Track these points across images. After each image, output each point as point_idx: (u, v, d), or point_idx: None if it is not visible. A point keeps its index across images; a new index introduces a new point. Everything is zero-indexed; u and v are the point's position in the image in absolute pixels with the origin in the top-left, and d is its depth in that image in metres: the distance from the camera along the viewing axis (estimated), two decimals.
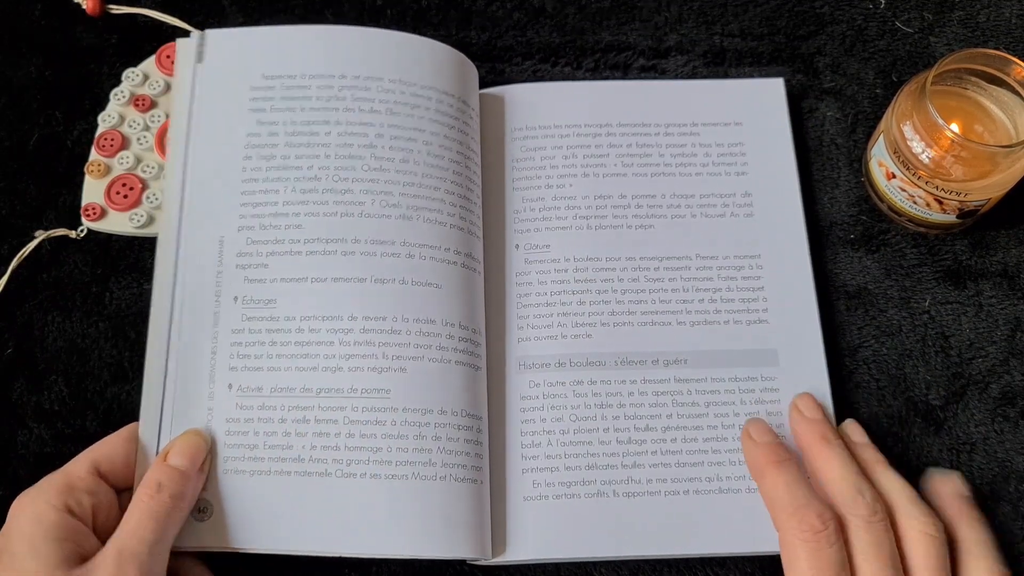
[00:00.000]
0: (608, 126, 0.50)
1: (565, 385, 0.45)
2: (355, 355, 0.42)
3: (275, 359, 0.43)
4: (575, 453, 0.44)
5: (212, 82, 0.47)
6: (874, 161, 0.49)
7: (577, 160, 0.49)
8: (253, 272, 0.44)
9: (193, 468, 0.40)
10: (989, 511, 0.44)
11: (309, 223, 0.45)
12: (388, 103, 0.47)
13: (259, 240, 0.45)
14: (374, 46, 0.48)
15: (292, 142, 0.46)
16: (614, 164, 0.49)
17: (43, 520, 0.37)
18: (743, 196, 0.49)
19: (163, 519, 0.38)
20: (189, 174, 0.46)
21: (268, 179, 0.45)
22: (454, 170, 0.47)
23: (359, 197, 0.45)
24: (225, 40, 0.48)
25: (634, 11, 0.55)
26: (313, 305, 0.43)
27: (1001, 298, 0.48)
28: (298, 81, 0.47)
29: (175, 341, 0.43)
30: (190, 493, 0.40)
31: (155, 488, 0.39)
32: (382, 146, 0.46)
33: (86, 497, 0.39)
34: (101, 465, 0.40)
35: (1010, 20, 0.54)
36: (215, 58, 0.48)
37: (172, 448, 0.40)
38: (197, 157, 0.46)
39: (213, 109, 0.47)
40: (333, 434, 0.42)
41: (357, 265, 0.44)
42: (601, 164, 0.49)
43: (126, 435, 0.42)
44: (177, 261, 0.45)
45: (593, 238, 0.48)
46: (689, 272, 0.47)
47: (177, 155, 0.46)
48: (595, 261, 0.47)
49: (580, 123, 0.50)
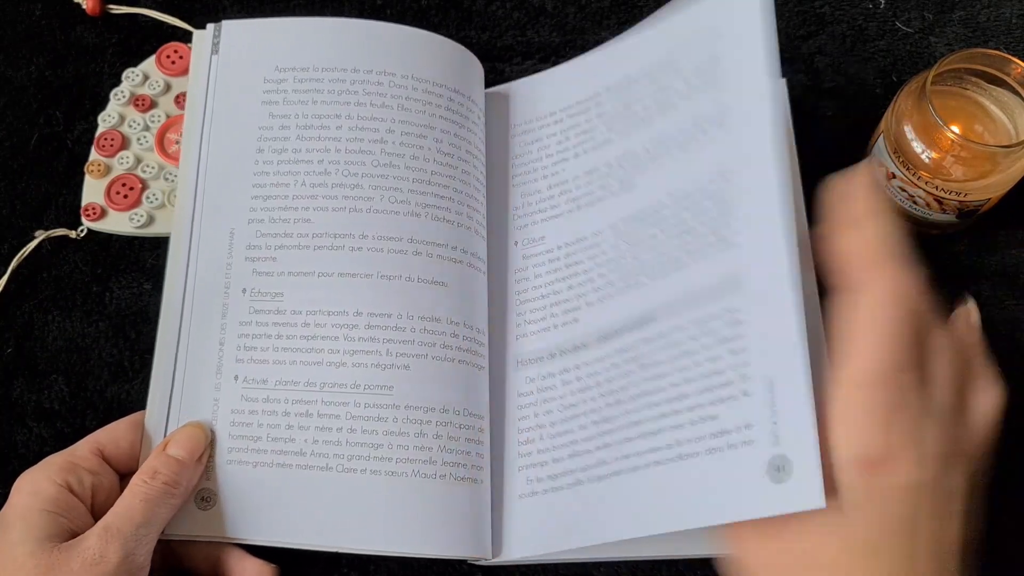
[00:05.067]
0: (596, 96, 0.48)
1: (555, 376, 0.44)
2: (359, 351, 0.43)
3: (280, 352, 0.43)
4: (560, 444, 0.43)
5: (227, 74, 0.47)
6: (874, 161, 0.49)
7: (569, 142, 0.48)
8: (262, 265, 0.44)
9: (191, 459, 0.40)
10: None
11: (318, 217, 0.45)
12: (400, 98, 0.47)
13: (268, 233, 0.45)
14: (387, 40, 0.48)
15: (303, 135, 0.46)
16: (601, 132, 0.47)
17: (40, 493, 0.38)
18: (718, 112, 0.42)
19: (154, 503, 0.38)
20: (203, 166, 0.46)
21: (279, 172, 0.45)
22: (462, 168, 0.47)
23: (368, 192, 0.45)
24: (240, 32, 0.48)
25: (634, 11, 0.55)
26: (320, 299, 0.43)
27: (1001, 298, 0.48)
28: (311, 74, 0.47)
29: (185, 332, 0.44)
30: (185, 483, 0.40)
31: (150, 474, 0.39)
32: (392, 141, 0.46)
33: (87, 476, 0.39)
34: (105, 448, 0.41)
35: (1010, 20, 0.54)
36: (230, 50, 0.48)
37: (172, 439, 0.41)
38: (211, 149, 0.46)
39: (227, 101, 0.47)
40: (335, 429, 0.42)
41: (364, 260, 0.44)
42: (590, 138, 0.47)
43: (132, 422, 0.42)
44: (189, 253, 0.45)
45: (581, 218, 0.46)
46: (664, 221, 0.43)
47: (191, 147, 0.46)
48: (582, 241, 0.46)
49: (572, 101, 0.49)
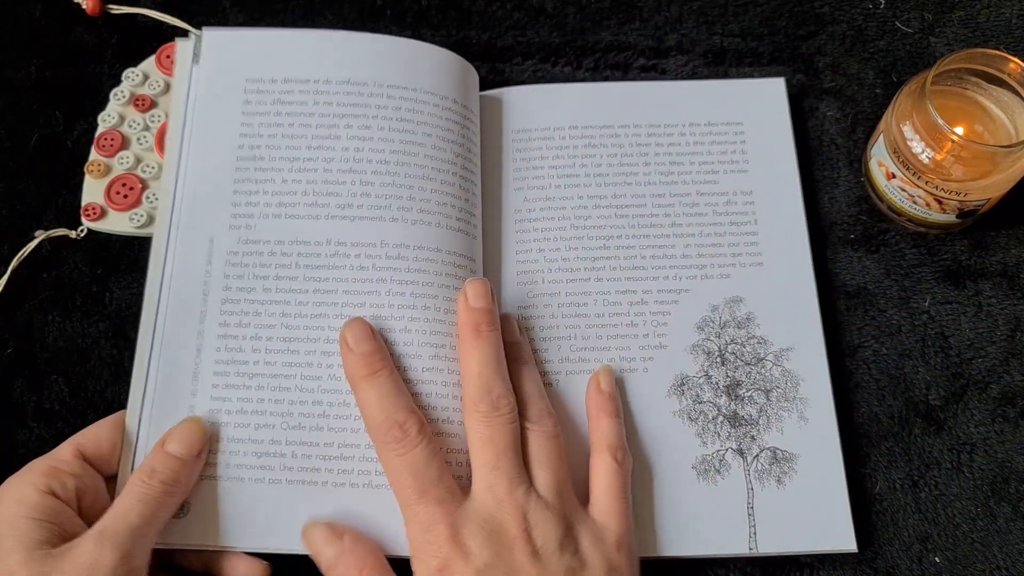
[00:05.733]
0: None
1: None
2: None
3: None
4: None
5: (207, 82, 0.47)
6: (874, 161, 0.49)
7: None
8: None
9: (190, 456, 0.40)
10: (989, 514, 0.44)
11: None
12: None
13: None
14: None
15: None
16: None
17: (25, 501, 0.37)
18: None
19: (152, 504, 0.38)
20: (183, 173, 0.46)
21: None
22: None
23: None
24: (221, 40, 0.48)
25: (634, 11, 0.55)
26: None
27: (1001, 298, 0.48)
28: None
29: (159, 336, 0.43)
30: (184, 480, 0.40)
31: (148, 474, 0.39)
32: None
33: (70, 480, 0.39)
34: (87, 450, 0.41)
35: (1010, 20, 0.54)
36: (211, 58, 0.48)
37: (170, 435, 0.41)
38: (192, 156, 0.46)
39: (208, 109, 0.47)
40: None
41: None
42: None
43: (112, 422, 0.42)
44: (166, 258, 0.45)
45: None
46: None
47: (172, 154, 0.46)
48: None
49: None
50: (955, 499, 0.45)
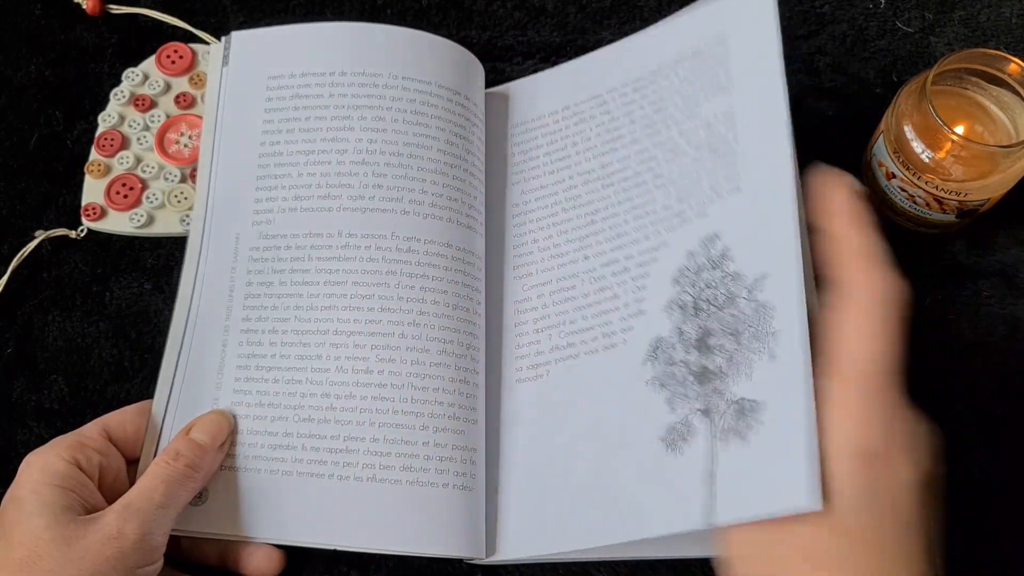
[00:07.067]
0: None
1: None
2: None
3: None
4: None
5: (234, 84, 0.48)
6: (874, 161, 0.49)
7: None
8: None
9: (213, 445, 0.41)
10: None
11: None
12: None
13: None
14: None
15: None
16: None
17: (49, 469, 0.38)
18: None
19: (174, 485, 0.39)
20: (214, 173, 0.47)
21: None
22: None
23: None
24: (246, 41, 0.49)
25: (635, 11, 0.55)
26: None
27: (1000, 298, 0.48)
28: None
29: (189, 333, 0.44)
30: (206, 467, 0.41)
31: (173, 456, 0.40)
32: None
33: (95, 455, 0.40)
34: (113, 431, 0.42)
35: (1010, 20, 0.54)
36: (237, 60, 0.49)
37: (196, 423, 0.42)
38: (221, 156, 0.47)
39: (235, 109, 0.48)
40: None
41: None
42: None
43: (138, 408, 0.43)
44: (200, 258, 0.46)
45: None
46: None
47: (205, 155, 0.47)
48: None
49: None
50: None
